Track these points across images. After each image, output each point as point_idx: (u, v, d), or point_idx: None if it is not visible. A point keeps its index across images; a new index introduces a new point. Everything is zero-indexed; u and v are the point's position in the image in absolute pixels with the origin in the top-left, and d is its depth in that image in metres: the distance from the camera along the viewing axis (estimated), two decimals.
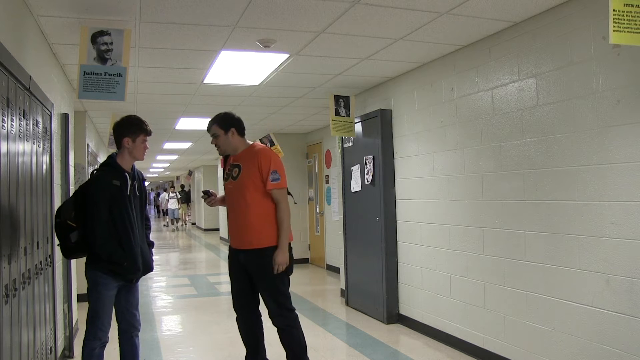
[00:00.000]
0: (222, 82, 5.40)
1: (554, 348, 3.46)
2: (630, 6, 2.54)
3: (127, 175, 3.17)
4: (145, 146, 3.25)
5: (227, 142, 3.50)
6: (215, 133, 3.50)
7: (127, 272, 3.11)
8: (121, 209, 3.08)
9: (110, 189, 3.07)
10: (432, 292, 4.83)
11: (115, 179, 3.11)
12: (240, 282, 3.55)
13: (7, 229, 2.57)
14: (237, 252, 3.51)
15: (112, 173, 3.14)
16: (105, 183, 3.08)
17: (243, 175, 3.42)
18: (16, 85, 2.81)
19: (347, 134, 5.98)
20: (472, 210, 4.26)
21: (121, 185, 3.12)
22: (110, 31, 3.40)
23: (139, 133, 3.21)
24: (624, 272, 2.98)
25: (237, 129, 3.51)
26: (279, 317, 3.41)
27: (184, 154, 14.66)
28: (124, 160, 3.20)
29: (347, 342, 5.00)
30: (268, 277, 3.39)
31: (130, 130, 3.20)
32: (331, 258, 9.08)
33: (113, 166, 3.17)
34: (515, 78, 3.77)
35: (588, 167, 3.20)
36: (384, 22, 3.68)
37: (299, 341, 3.44)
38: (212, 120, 3.54)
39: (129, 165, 3.22)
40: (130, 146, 3.19)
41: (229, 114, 3.55)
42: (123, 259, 3.06)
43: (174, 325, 5.87)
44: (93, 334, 3.09)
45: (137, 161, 3.29)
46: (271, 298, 3.43)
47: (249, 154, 3.49)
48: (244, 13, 3.43)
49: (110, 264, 3.05)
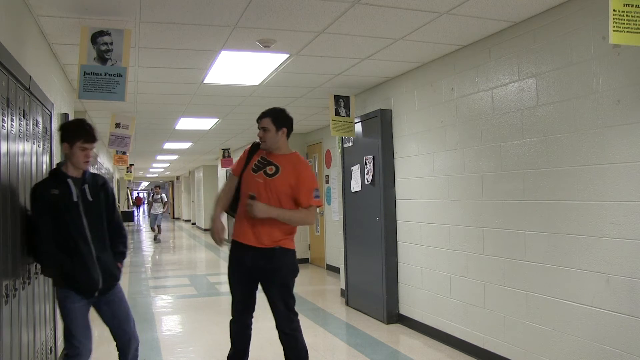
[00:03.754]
0: (222, 82, 5.40)
1: (554, 348, 3.46)
2: (630, 6, 2.54)
3: (69, 182, 2.91)
4: (86, 154, 2.93)
5: (275, 140, 3.36)
6: (266, 127, 3.33)
7: (82, 286, 2.90)
8: (64, 218, 2.85)
9: (47, 198, 2.83)
10: (432, 292, 4.83)
11: (54, 188, 2.87)
12: (244, 287, 3.40)
13: (7, 228, 2.57)
14: (244, 249, 3.32)
15: (50, 182, 2.92)
16: (39, 194, 2.85)
17: (281, 177, 3.29)
18: (16, 85, 2.81)
19: (347, 134, 5.98)
20: (472, 210, 4.26)
21: (61, 193, 2.87)
22: (110, 31, 3.39)
23: (75, 139, 2.90)
24: (624, 272, 2.98)
25: (288, 130, 3.40)
26: (287, 320, 3.32)
27: (184, 154, 14.67)
28: (68, 167, 2.95)
29: (347, 342, 5.00)
30: (282, 282, 3.31)
31: (68, 135, 2.92)
32: (331, 258, 9.08)
33: (53, 174, 2.97)
34: (515, 78, 3.77)
35: (588, 167, 3.20)
36: (383, 22, 3.69)
37: (304, 346, 3.37)
38: (266, 113, 3.38)
39: (75, 173, 2.96)
40: (67, 152, 2.92)
41: (284, 112, 3.40)
42: (74, 271, 2.85)
43: (174, 325, 5.87)
44: (70, 355, 2.89)
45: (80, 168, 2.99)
46: (283, 301, 3.32)
47: (290, 161, 3.36)
48: (244, 13, 3.43)
49: (65, 279, 2.86)
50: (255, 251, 3.28)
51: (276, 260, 3.28)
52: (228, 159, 12.19)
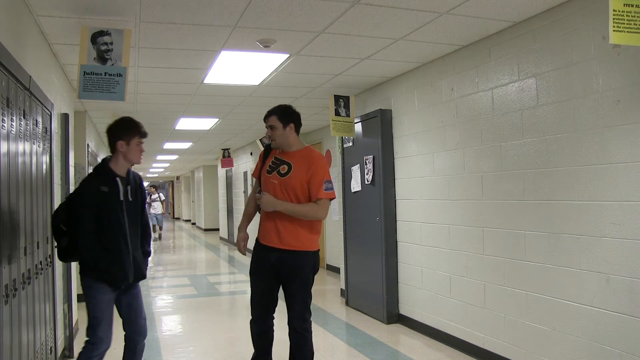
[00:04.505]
0: (222, 82, 5.40)
1: (554, 348, 3.46)
2: (630, 6, 2.54)
3: (118, 180, 3.03)
4: (140, 149, 3.12)
5: (284, 137, 3.35)
6: (273, 125, 3.33)
7: (115, 279, 3.01)
8: (110, 216, 2.96)
9: (96, 196, 2.94)
10: (432, 292, 4.83)
11: (103, 185, 2.98)
12: (266, 283, 3.37)
13: (7, 229, 2.57)
14: (269, 250, 3.33)
15: (99, 179, 3.02)
16: (89, 190, 2.96)
17: (294, 175, 3.29)
18: (16, 85, 2.81)
19: (347, 134, 5.98)
20: (472, 210, 4.26)
21: (110, 191, 2.98)
22: (110, 31, 3.39)
23: (133, 135, 3.07)
24: (624, 272, 2.98)
25: (295, 125, 3.38)
26: (301, 320, 3.32)
27: (184, 154, 14.67)
28: (118, 164, 3.08)
29: (347, 342, 5.00)
30: (303, 278, 3.32)
31: (125, 132, 3.06)
32: (331, 258, 9.08)
33: (102, 171, 3.05)
34: (515, 78, 3.77)
35: (588, 167, 3.20)
36: (384, 22, 3.69)
37: (311, 348, 3.38)
38: (271, 111, 3.37)
39: (123, 170, 3.09)
40: (124, 149, 3.05)
41: (290, 108, 3.39)
42: (109, 266, 2.96)
43: (174, 325, 5.87)
44: (92, 345, 2.96)
45: (134, 165, 3.18)
46: (301, 300, 3.33)
47: (303, 156, 3.35)
48: (244, 13, 3.43)
49: (98, 271, 2.96)
50: (279, 252, 3.32)
51: (299, 258, 3.31)
52: (228, 159, 12.19)
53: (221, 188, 16.80)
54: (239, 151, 13.33)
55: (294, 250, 3.30)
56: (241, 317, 6.11)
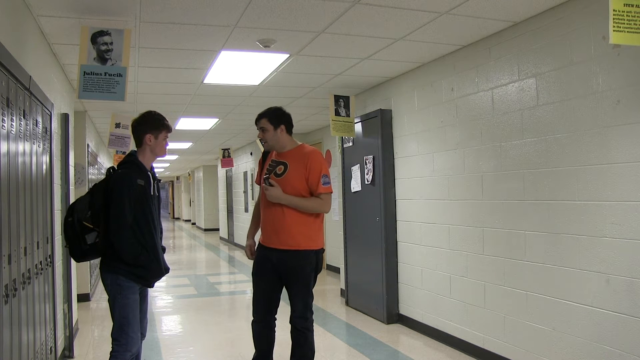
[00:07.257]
0: (222, 82, 5.40)
1: (554, 348, 3.46)
2: (630, 6, 2.54)
3: (149, 175, 3.06)
4: (166, 142, 3.16)
5: (276, 139, 3.39)
6: (264, 127, 3.37)
7: (153, 276, 3.02)
8: (145, 210, 2.94)
9: (136, 188, 2.91)
10: (432, 292, 4.83)
11: (140, 178, 2.96)
12: (267, 284, 3.39)
13: (7, 228, 2.57)
14: (270, 251, 3.37)
15: (136, 172, 2.98)
16: (131, 182, 2.90)
17: (289, 174, 3.32)
18: (16, 85, 2.81)
19: (347, 134, 5.98)
20: (472, 210, 4.26)
21: (145, 185, 2.97)
22: (110, 31, 3.39)
23: (161, 129, 3.09)
24: (624, 272, 2.98)
25: (286, 126, 3.40)
26: (303, 318, 3.35)
27: (184, 154, 14.67)
28: (145, 158, 3.07)
29: (347, 342, 5.00)
30: (303, 278, 3.33)
31: (153, 126, 3.07)
32: (331, 258, 9.08)
33: (137, 164, 3.02)
34: (515, 78, 3.77)
35: (588, 167, 3.20)
36: (384, 22, 3.69)
37: (312, 346, 3.39)
38: (262, 114, 3.41)
39: (149, 164, 3.10)
40: (152, 143, 3.05)
41: (280, 110, 3.43)
42: (149, 263, 2.94)
43: (174, 325, 5.87)
44: (124, 345, 2.89)
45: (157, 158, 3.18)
46: (302, 299, 3.34)
47: (298, 154, 3.39)
48: (244, 13, 3.43)
49: (136, 268, 2.91)
50: (279, 253, 3.34)
51: (299, 258, 3.31)
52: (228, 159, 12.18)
53: (221, 188, 16.81)
54: (239, 151, 13.33)
55: (293, 250, 3.31)
56: (241, 317, 6.11)
